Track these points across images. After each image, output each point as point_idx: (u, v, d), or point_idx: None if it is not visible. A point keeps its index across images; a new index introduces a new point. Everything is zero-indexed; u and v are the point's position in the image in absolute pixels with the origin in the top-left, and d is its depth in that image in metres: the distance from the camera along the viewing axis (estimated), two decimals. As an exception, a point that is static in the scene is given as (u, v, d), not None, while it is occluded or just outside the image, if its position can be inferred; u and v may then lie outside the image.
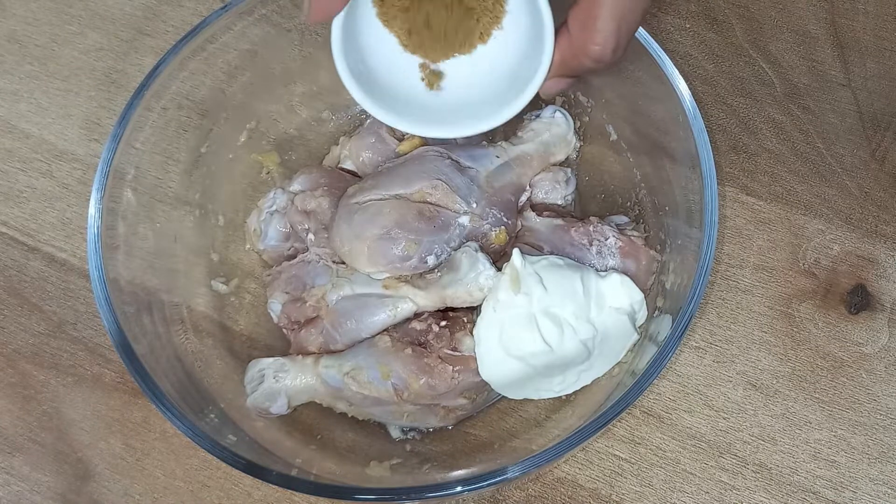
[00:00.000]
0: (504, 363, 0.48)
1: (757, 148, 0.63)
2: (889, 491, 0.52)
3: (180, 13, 0.68)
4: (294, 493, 0.51)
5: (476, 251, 0.49)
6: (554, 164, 0.57)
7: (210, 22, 0.52)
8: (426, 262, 0.50)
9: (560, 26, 0.42)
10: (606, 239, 0.52)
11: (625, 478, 0.53)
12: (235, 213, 0.57)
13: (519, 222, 0.54)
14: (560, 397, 0.51)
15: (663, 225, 0.52)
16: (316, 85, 0.60)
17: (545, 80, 0.43)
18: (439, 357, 0.48)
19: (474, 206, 0.51)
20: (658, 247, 0.52)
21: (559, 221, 0.53)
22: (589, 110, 0.58)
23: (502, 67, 0.45)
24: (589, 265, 0.51)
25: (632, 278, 0.50)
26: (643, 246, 0.52)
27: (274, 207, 0.55)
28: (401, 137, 0.57)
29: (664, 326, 0.47)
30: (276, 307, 0.53)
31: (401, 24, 0.44)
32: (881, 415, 0.54)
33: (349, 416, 0.51)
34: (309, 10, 0.40)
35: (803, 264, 0.59)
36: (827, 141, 0.63)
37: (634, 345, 0.50)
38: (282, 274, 0.54)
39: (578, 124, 0.58)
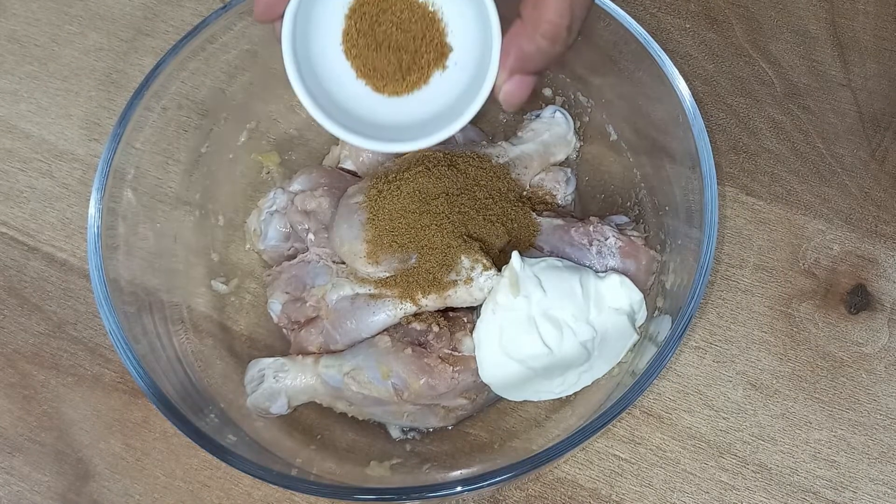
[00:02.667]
0: (504, 366, 0.48)
1: (757, 148, 0.63)
2: (889, 491, 0.52)
3: (180, 13, 0.68)
4: (294, 493, 0.51)
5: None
6: (554, 164, 0.57)
7: (210, 22, 0.52)
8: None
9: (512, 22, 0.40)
10: (606, 239, 0.52)
11: (625, 478, 0.53)
12: (235, 213, 0.57)
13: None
14: (560, 397, 0.51)
15: (663, 225, 0.52)
16: (316, 85, 0.60)
17: (496, 74, 0.40)
18: (439, 357, 0.48)
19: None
20: (658, 247, 0.52)
21: (559, 221, 0.53)
22: (589, 110, 0.58)
23: (457, 84, 0.43)
24: (589, 265, 0.51)
25: (632, 278, 0.50)
26: (643, 246, 0.52)
27: (274, 207, 0.55)
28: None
29: (664, 326, 0.47)
30: (276, 307, 0.53)
31: (354, 61, 0.43)
32: (881, 415, 0.54)
33: (349, 416, 0.51)
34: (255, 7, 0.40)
35: (803, 264, 0.59)
36: (827, 141, 0.63)
37: (634, 345, 0.50)
38: (282, 274, 0.54)
39: (578, 124, 0.58)
